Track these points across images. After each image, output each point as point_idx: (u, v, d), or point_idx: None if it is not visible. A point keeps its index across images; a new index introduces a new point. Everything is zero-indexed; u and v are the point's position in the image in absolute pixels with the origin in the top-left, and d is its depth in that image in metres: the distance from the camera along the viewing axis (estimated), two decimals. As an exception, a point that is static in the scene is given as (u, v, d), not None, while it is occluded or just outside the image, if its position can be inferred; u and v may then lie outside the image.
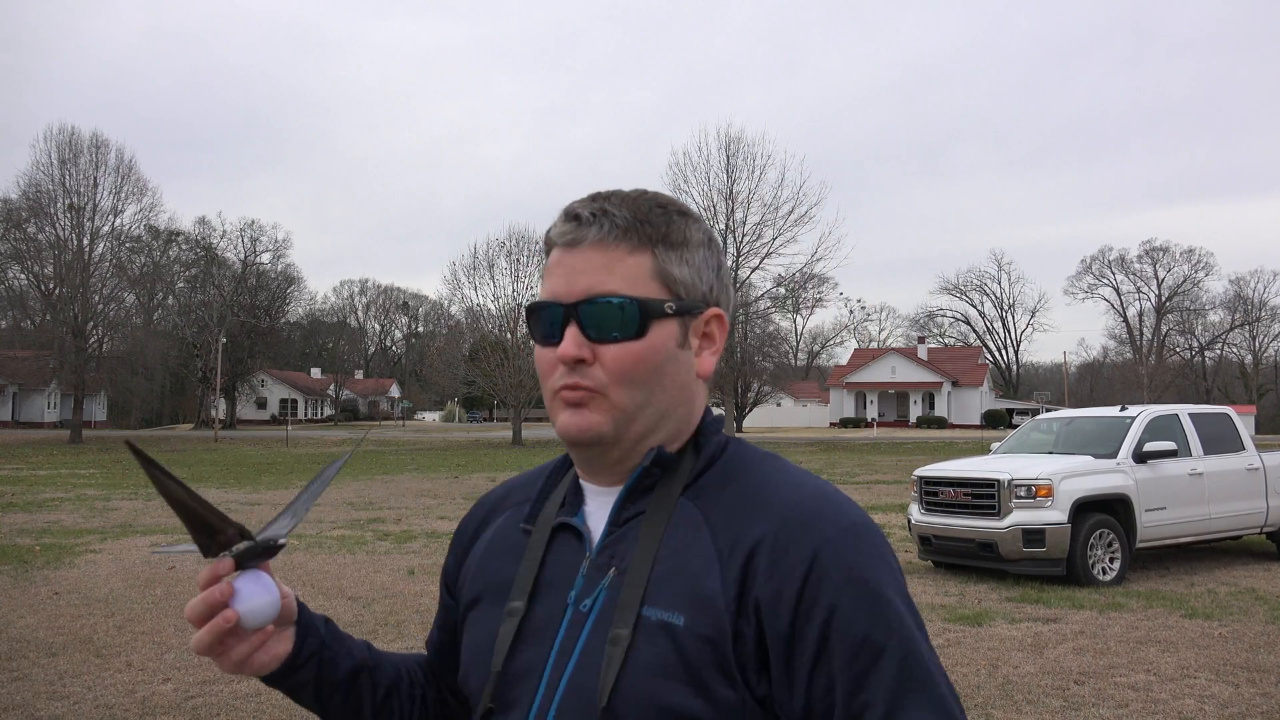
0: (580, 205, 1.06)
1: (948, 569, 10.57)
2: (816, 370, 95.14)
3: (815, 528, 0.99)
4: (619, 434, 1.05)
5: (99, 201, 50.89)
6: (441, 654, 1.26)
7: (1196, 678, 6.28)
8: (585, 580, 1.05)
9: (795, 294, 50.67)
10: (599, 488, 1.11)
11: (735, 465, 1.08)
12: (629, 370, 1.03)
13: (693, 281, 1.07)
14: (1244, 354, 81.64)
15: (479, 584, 1.15)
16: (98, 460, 33.13)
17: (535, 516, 1.14)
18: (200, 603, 1.03)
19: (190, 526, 1.04)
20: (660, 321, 1.04)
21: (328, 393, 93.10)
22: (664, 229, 1.06)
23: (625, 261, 1.04)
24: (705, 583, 0.98)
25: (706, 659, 0.96)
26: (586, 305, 1.03)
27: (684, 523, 1.04)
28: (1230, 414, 11.76)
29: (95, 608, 8.42)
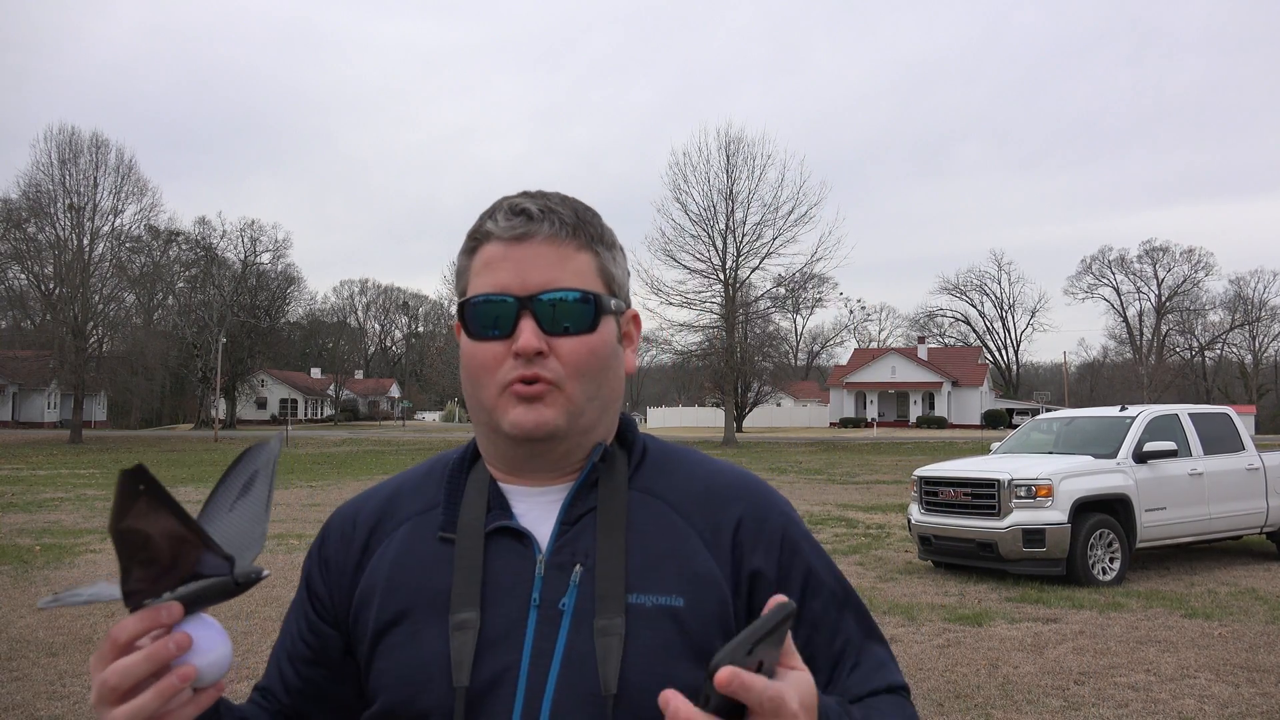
0: (525, 201, 1.07)
1: (948, 569, 10.56)
2: (816, 370, 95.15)
3: (774, 505, 1.13)
4: (570, 428, 1.05)
5: (99, 201, 50.97)
6: (311, 695, 1.13)
7: (1196, 678, 6.28)
8: (546, 581, 1.03)
9: (795, 294, 50.60)
10: (527, 488, 1.09)
11: (664, 457, 1.14)
12: (584, 363, 1.04)
13: (623, 281, 1.13)
14: (1244, 354, 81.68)
15: (397, 603, 1.05)
16: (98, 460, 33.13)
17: (454, 524, 1.08)
18: (144, 660, 0.85)
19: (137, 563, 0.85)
20: (607, 317, 1.08)
21: (328, 393, 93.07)
22: (600, 230, 1.10)
23: (575, 258, 1.06)
24: (698, 564, 1.05)
25: (713, 634, 1.01)
26: (543, 298, 1.03)
27: (646, 512, 1.08)
28: (1230, 414, 11.76)
29: (95, 608, 8.41)
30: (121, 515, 0.82)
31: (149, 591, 0.86)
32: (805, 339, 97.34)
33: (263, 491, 0.98)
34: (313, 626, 1.13)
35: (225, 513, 0.97)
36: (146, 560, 0.85)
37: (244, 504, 0.97)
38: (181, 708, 0.88)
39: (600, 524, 1.05)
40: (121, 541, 0.84)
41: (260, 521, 0.96)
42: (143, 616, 0.86)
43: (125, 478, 0.81)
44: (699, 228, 47.20)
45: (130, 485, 0.81)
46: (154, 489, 0.82)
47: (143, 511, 0.82)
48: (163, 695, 0.85)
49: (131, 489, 0.81)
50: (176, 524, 0.84)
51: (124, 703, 0.86)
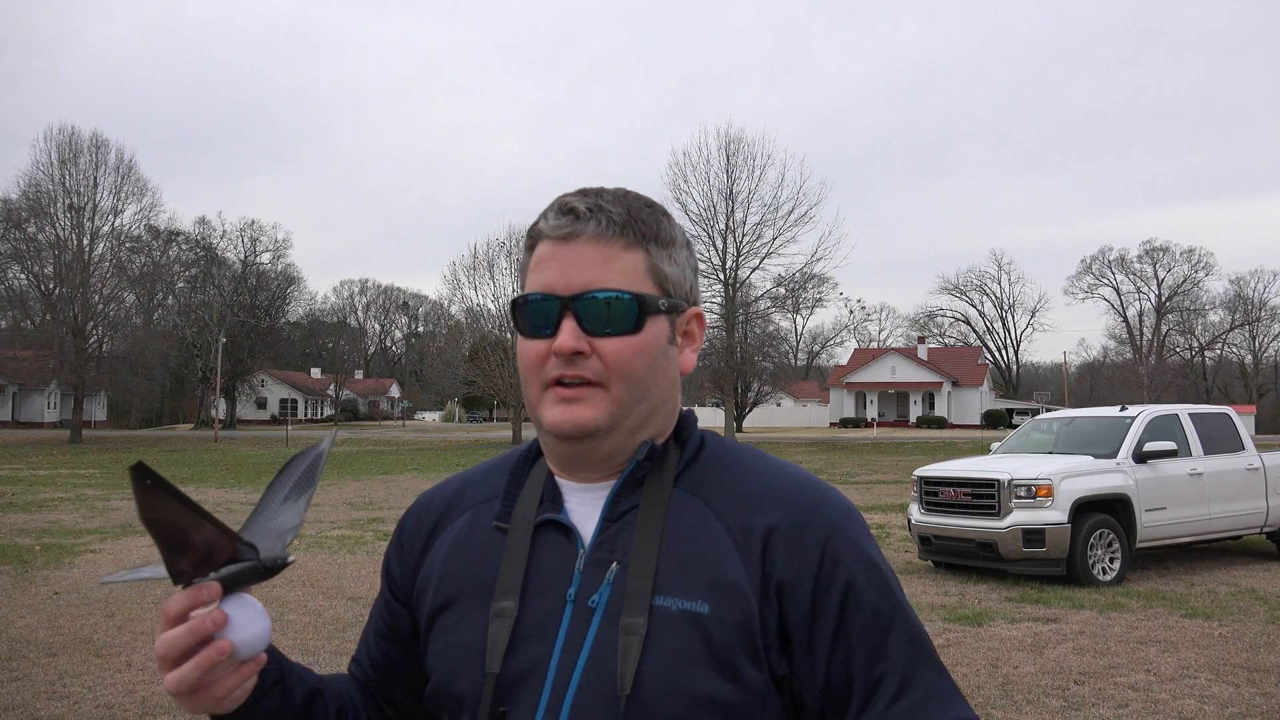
0: (575, 200, 1.06)
1: (948, 569, 10.56)
2: (816, 370, 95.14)
3: (822, 513, 1.05)
4: (612, 427, 1.05)
5: (99, 201, 50.97)
6: (388, 668, 1.21)
7: (1196, 678, 6.28)
8: (584, 576, 1.04)
9: (795, 294, 50.58)
10: (579, 484, 1.11)
11: (720, 456, 1.12)
12: (627, 364, 1.04)
13: (679, 280, 1.10)
14: (1244, 354, 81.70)
15: (449, 588, 1.10)
16: (98, 460, 33.12)
17: (509, 515, 1.11)
18: (185, 634, 0.95)
19: (172, 547, 0.95)
20: (654, 317, 1.06)
21: (328, 393, 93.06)
22: (654, 228, 1.08)
23: (622, 258, 1.05)
24: (726, 570, 1.02)
25: (736, 643, 0.99)
26: (585, 299, 1.03)
27: (686, 513, 1.06)
28: (1230, 414, 11.76)
29: (95, 608, 8.42)
30: (142, 508, 0.92)
31: (194, 573, 0.97)
32: (805, 339, 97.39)
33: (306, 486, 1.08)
34: (388, 605, 1.21)
35: (276, 506, 1.08)
36: (180, 545, 0.95)
37: (291, 499, 1.08)
38: (224, 678, 0.98)
39: (639, 523, 1.05)
40: (152, 530, 0.93)
41: (295, 514, 1.06)
42: (187, 594, 0.96)
43: (133, 474, 0.89)
44: (699, 228, 47.19)
45: (139, 480, 0.89)
46: (159, 482, 0.90)
47: (157, 502, 0.91)
48: (202, 666, 0.95)
49: (140, 483, 0.90)
50: (184, 511, 0.92)
51: (172, 670, 0.96)
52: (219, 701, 0.99)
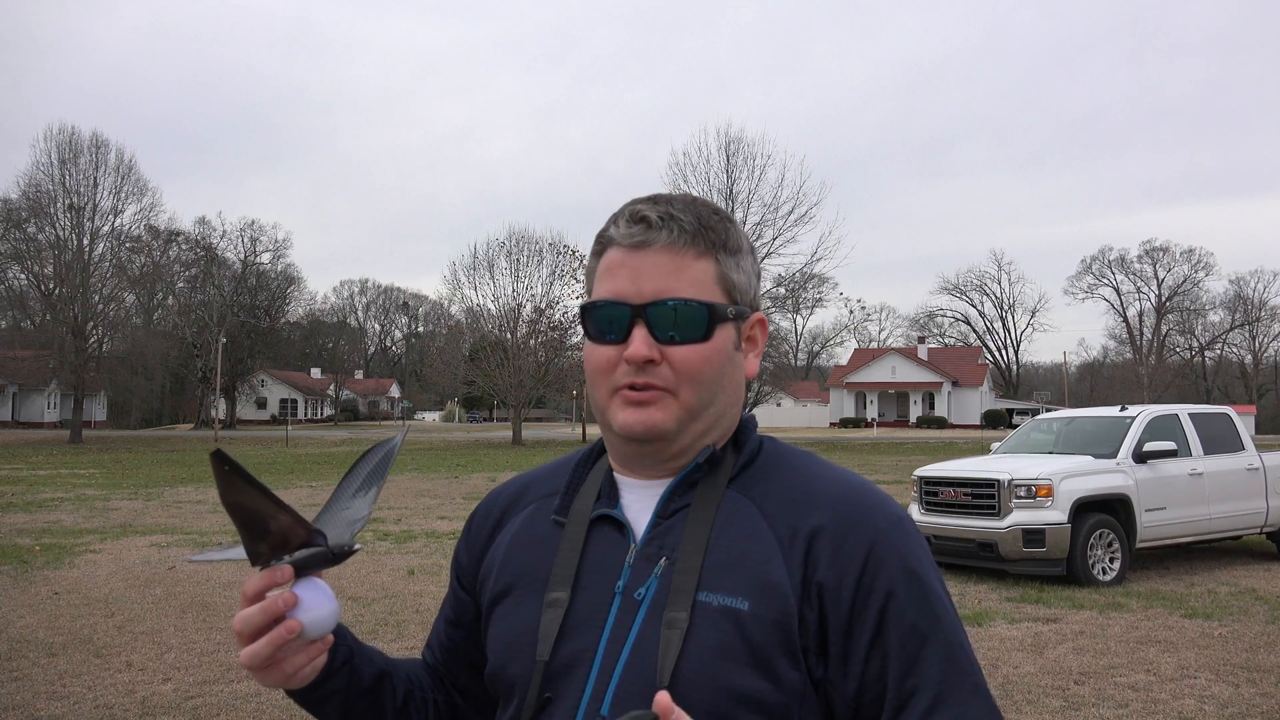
0: (646, 208, 1.08)
1: (948, 569, 10.55)
2: (816, 370, 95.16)
3: (869, 519, 1.05)
4: (680, 431, 1.08)
5: (99, 201, 50.98)
6: (454, 652, 1.26)
7: (1196, 678, 6.28)
8: (633, 570, 1.07)
9: (795, 294, 50.60)
10: (638, 481, 1.14)
11: (776, 460, 1.14)
12: (697, 371, 1.07)
13: (745, 287, 1.13)
14: (1244, 354, 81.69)
15: (508, 576, 1.15)
16: (98, 460, 33.12)
17: (568, 509, 1.15)
18: (259, 613, 1.01)
19: (251, 532, 1.01)
20: (723, 325, 1.09)
21: (328, 393, 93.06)
22: (724, 236, 1.10)
23: (693, 267, 1.07)
24: (769, 570, 1.03)
25: (774, 642, 1.00)
26: (657, 307, 1.05)
27: (736, 513, 1.08)
28: (1230, 414, 11.76)
29: (95, 608, 8.42)
30: (222, 492, 0.98)
31: (270, 556, 1.03)
32: (805, 339, 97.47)
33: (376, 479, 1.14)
34: (455, 592, 1.27)
35: (348, 498, 1.13)
36: (257, 530, 1.01)
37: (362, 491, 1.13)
38: (294, 655, 1.04)
39: (690, 520, 1.07)
40: (232, 513, 0.99)
41: (365, 505, 1.11)
42: (263, 575, 1.02)
43: (213, 460, 0.96)
44: (699, 228, 47.12)
45: (218, 466, 0.96)
46: (236, 469, 0.96)
47: (234, 488, 0.98)
48: (273, 643, 1.01)
49: (219, 469, 0.96)
50: (261, 498, 0.98)
51: (247, 645, 1.02)
52: (289, 677, 1.05)
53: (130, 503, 18.21)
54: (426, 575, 9.99)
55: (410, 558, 11.26)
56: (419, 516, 15.91)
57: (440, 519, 15.50)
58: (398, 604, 8.61)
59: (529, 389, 47.58)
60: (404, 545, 12.36)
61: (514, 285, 48.57)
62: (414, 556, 11.37)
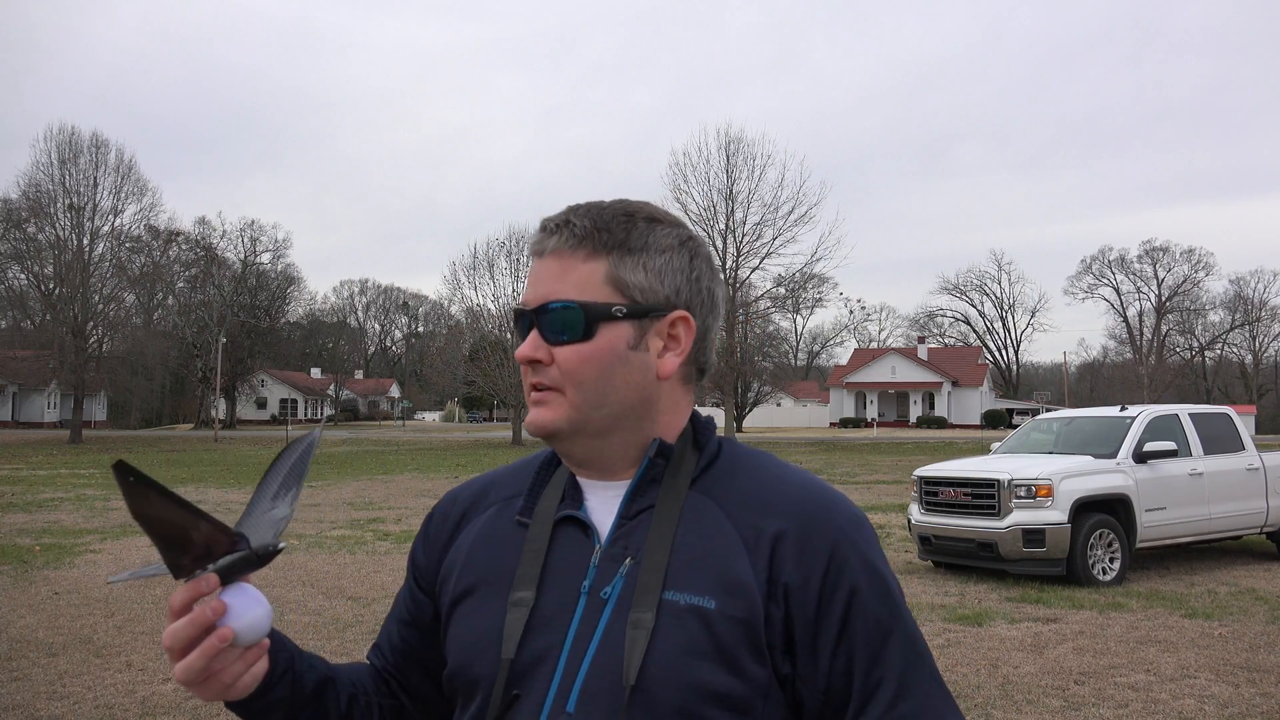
0: (551, 216, 1.13)
1: (948, 569, 10.56)
2: (816, 370, 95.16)
3: (830, 520, 1.09)
4: (574, 429, 1.10)
5: (99, 201, 50.88)
6: (408, 654, 1.25)
7: (1196, 678, 6.28)
8: (599, 570, 1.08)
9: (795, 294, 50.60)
10: (598, 483, 1.15)
11: (735, 461, 1.16)
12: (577, 370, 1.09)
13: (650, 286, 1.11)
14: (1244, 354, 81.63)
15: (470, 577, 1.15)
16: (98, 460, 33.11)
17: (532, 510, 1.16)
18: (188, 625, 0.99)
19: (168, 545, 0.98)
20: (608, 324, 1.09)
21: (328, 393, 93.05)
22: (623, 236, 1.11)
23: (578, 269, 1.09)
24: (735, 569, 1.05)
25: (740, 639, 1.02)
26: (542, 310, 1.10)
27: (699, 513, 1.10)
28: (1230, 414, 11.76)
29: (95, 608, 8.42)
30: (130, 504, 0.94)
31: (193, 566, 1.00)
32: (805, 339, 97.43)
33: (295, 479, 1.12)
34: (412, 593, 1.26)
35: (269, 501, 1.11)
36: (175, 541, 0.98)
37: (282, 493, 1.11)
38: (230, 665, 1.02)
39: (654, 521, 1.09)
40: (145, 526, 0.96)
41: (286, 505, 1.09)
42: (187, 587, 1.00)
43: (115, 472, 0.91)
44: (699, 228, 47.05)
45: (122, 479, 0.92)
46: (141, 479, 0.92)
47: (143, 499, 0.93)
48: (206, 654, 0.99)
49: (123, 481, 0.92)
50: (174, 508, 0.95)
51: (180, 660, 1.00)
52: (228, 688, 1.03)
53: (130, 503, 18.20)
54: (426, 575, 9.98)
55: (410, 558, 11.24)
56: (419, 516, 15.91)
57: (440, 519, 15.49)
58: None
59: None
60: (404, 545, 12.36)
61: (514, 285, 48.57)
62: (414, 556, 11.35)
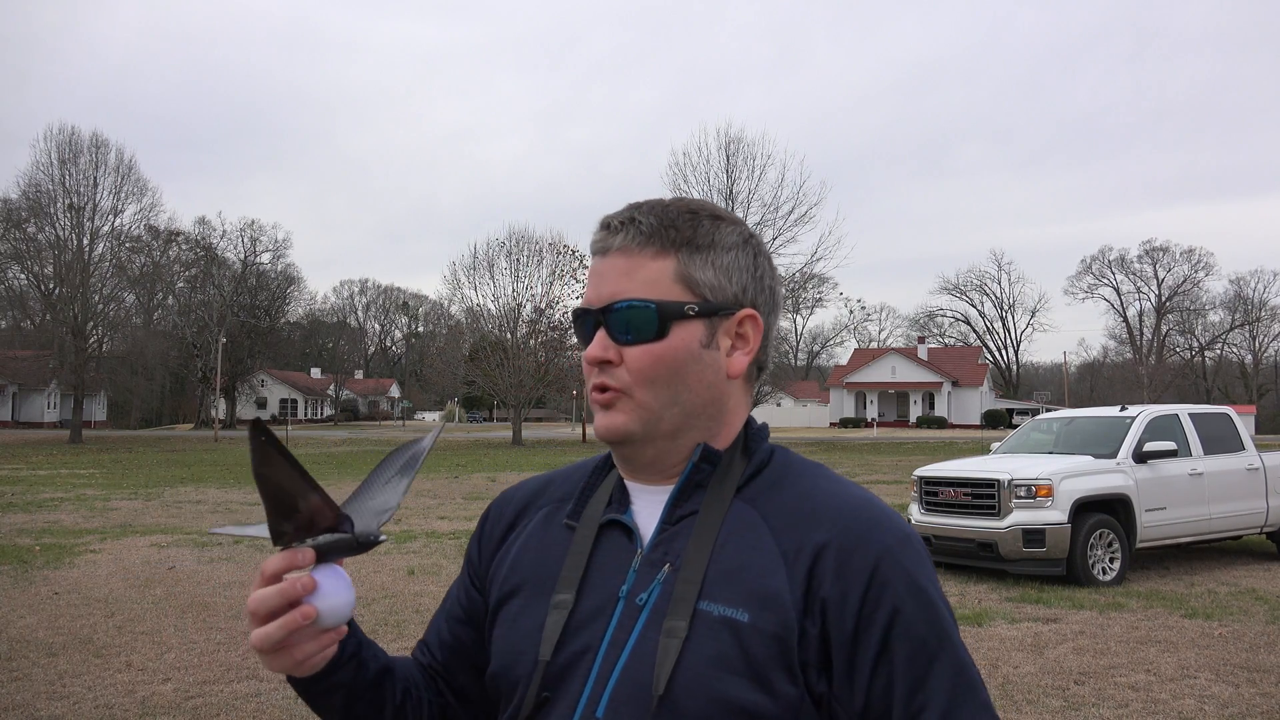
0: (614, 214, 1.12)
1: (948, 569, 10.56)
2: (816, 370, 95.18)
3: (876, 536, 1.04)
4: (647, 432, 1.09)
5: (99, 201, 50.90)
6: (459, 652, 1.24)
7: (1196, 678, 6.28)
8: (638, 575, 1.08)
9: (795, 294, 50.58)
10: (646, 486, 1.14)
11: (784, 471, 1.13)
12: (649, 370, 1.07)
13: (719, 284, 1.10)
14: (1244, 354, 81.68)
15: (516, 577, 1.16)
16: (98, 460, 33.13)
17: (579, 513, 1.16)
18: (276, 595, 0.99)
19: (278, 508, 0.99)
20: (682, 323, 1.08)
21: (328, 393, 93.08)
22: (690, 233, 1.09)
23: (648, 266, 1.08)
24: (770, 582, 1.02)
25: (772, 655, 0.99)
26: (611, 310, 1.08)
27: (741, 523, 1.08)
28: (1230, 414, 11.75)
29: (95, 608, 8.42)
30: (255, 462, 0.95)
31: (294, 536, 1.00)
32: (805, 339, 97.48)
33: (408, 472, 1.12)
34: (467, 590, 1.26)
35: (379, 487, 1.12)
36: (285, 508, 0.99)
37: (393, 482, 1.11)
38: (304, 642, 1.02)
39: (696, 528, 1.08)
40: (261, 487, 0.97)
41: (395, 495, 1.09)
42: (284, 556, 1.00)
43: (250, 430, 0.94)
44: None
45: (255, 437, 0.94)
46: (271, 441, 0.95)
47: (268, 460, 0.95)
48: (286, 627, 0.99)
49: (255, 439, 0.94)
50: (292, 474, 0.96)
51: (259, 627, 1.01)
52: (298, 664, 1.04)
53: (130, 503, 18.21)
54: (426, 575, 9.99)
55: (410, 557, 11.26)
56: (419, 516, 15.90)
57: (440, 519, 15.50)
58: (398, 604, 8.61)
59: (529, 389, 47.57)
60: (404, 545, 12.36)
61: (514, 285, 48.59)
62: (414, 556, 11.37)
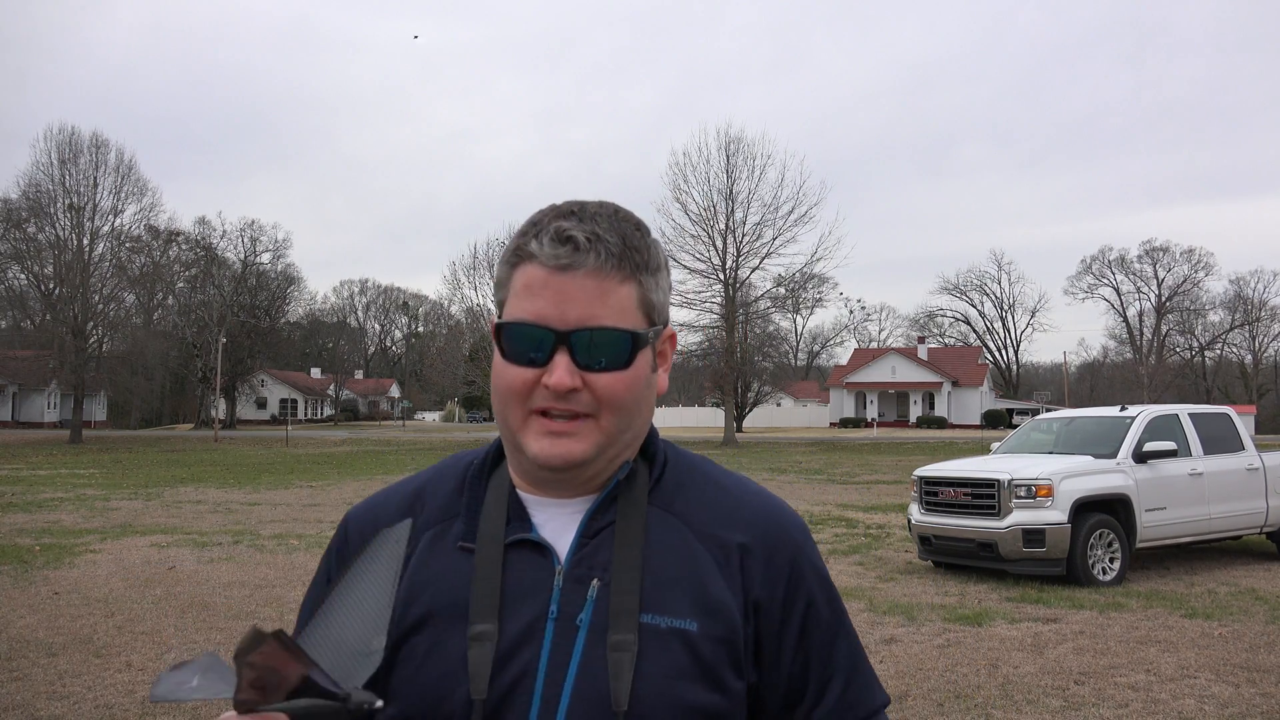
0: (572, 227, 1.02)
1: (948, 569, 10.56)
2: (816, 370, 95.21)
3: (789, 536, 1.13)
4: (598, 457, 1.06)
5: (99, 201, 50.96)
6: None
7: (1196, 678, 6.28)
8: (564, 594, 1.04)
9: (795, 294, 50.60)
10: (547, 500, 1.10)
11: (683, 471, 1.15)
12: (619, 399, 1.04)
13: (662, 306, 1.10)
14: (1244, 354, 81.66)
15: (418, 610, 1.05)
16: (98, 460, 33.13)
17: (474, 534, 1.08)
18: None
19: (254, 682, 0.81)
20: (643, 350, 1.06)
21: (328, 393, 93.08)
22: (646, 256, 1.06)
23: (617, 292, 1.03)
24: (714, 591, 1.06)
25: (722, 658, 1.04)
26: (582, 334, 1.01)
27: (664, 531, 1.09)
28: (1230, 414, 11.76)
29: (95, 608, 8.42)
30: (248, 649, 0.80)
31: (259, 700, 0.82)
32: (805, 339, 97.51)
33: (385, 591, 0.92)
34: None
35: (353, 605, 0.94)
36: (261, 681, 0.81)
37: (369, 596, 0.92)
38: None
39: (618, 539, 1.06)
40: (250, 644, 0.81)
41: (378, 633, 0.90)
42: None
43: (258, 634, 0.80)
44: (699, 228, 47.21)
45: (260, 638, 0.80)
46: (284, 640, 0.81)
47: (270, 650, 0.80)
48: None
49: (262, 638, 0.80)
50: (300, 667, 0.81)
51: None
52: None
53: (130, 503, 18.21)
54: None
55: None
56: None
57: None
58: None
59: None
60: (404, 545, 12.35)
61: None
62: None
